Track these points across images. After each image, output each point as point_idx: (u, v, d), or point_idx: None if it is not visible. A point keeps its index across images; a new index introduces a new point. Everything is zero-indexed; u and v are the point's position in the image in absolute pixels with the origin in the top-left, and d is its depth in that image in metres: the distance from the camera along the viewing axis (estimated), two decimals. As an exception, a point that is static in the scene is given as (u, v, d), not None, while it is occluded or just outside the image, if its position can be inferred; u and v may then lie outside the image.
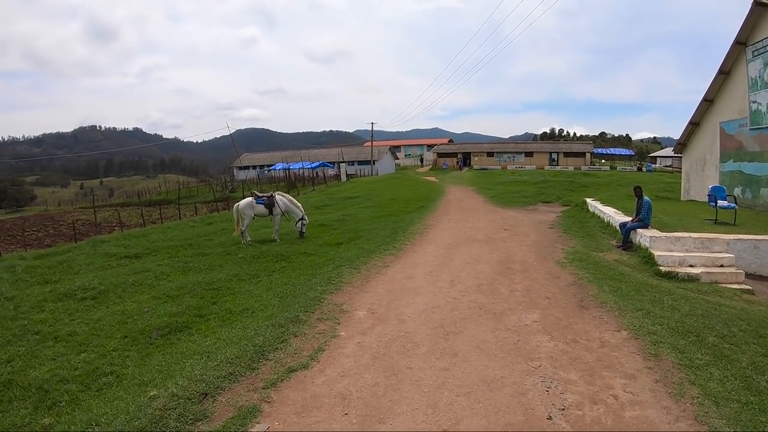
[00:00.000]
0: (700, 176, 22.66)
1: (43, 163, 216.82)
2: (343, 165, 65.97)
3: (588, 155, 70.87)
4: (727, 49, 19.58)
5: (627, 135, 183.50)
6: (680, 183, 25.80)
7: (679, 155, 26.09)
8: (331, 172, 65.83)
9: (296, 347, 6.15)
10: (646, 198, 13.09)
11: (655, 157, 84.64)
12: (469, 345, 6.14)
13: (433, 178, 48.27)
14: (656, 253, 11.44)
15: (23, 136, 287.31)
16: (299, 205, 17.55)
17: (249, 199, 17.23)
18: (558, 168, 63.18)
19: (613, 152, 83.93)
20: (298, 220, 17.23)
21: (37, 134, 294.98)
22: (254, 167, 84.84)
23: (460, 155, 75.85)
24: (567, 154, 71.11)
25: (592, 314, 7.21)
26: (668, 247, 11.73)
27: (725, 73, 20.28)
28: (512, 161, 71.24)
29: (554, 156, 71.64)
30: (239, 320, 8.40)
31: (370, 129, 74.54)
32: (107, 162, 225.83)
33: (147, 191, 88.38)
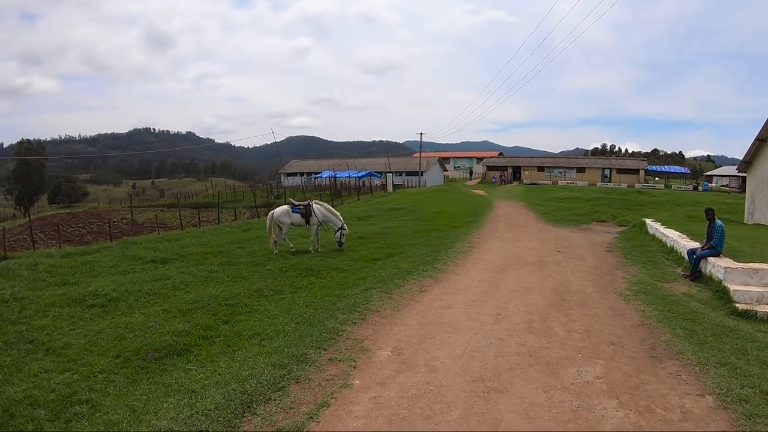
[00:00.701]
0: None
1: (97, 161, 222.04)
2: (389, 175, 64.59)
3: (642, 172, 67.83)
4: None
5: (680, 152, 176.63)
6: (742, 204, 23.94)
7: (742, 174, 24.07)
8: (377, 182, 64.73)
9: (294, 398, 4.90)
10: (718, 222, 11.46)
11: (711, 176, 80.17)
12: (514, 411, 4.78)
13: (481, 192, 46.52)
14: (732, 287, 9.82)
15: (79, 136, 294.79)
16: (338, 214, 16.50)
17: (285, 207, 16.30)
18: (611, 185, 60.75)
19: (668, 170, 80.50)
20: (337, 230, 16.15)
21: (93, 134, 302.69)
22: (301, 174, 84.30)
23: (509, 169, 73.81)
24: (620, 171, 68.24)
25: (668, 369, 5.82)
26: (745, 280, 10.07)
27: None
28: (563, 176, 68.80)
29: (606, 172, 68.91)
30: (244, 348, 7.27)
31: (419, 140, 73.13)
32: (159, 163, 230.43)
33: (195, 194, 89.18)
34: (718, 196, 45.87)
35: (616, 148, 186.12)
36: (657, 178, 76.09)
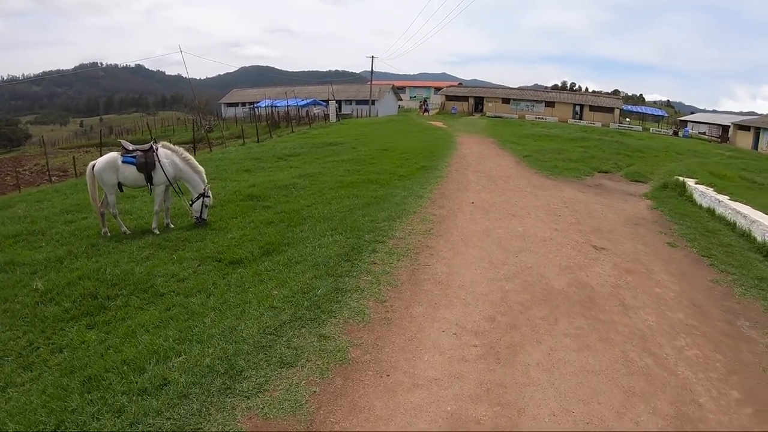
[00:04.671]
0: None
1: (42, 101, 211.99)
2: (332, 103, 56.40)
3: (617, 111, 61.55)
4: None
5: (641, 95, 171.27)
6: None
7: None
8: (316, 110, 56.68)
9: None
10: None
11: (686, 121, 73.81)
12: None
13: (440, 124, 39.57)
14: None
15: (23, 75, 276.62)
16: (201, 170, 9.22)
17: (111, 154, 9.02)
18: (583, 122, 54.77)
19: (644, 111, 74.25)
20: (196, 198, 9.09)
21: (37, 72, 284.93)
22: (243, 104, 75.34)
23: (470, 99, 66.43)
24: (593, 108, 61.65)
25: None
26: None
27: None
28: (531, 110, 61.82)
29: (578, 109, 62.58)
30: None
31: (371, 65, 64.31)
32: (107, 99, 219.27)
33: (137, 129, 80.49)
34: (703, 144, 41.74)
35: (576, 86, 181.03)
36: (628, 120, 70.00)
